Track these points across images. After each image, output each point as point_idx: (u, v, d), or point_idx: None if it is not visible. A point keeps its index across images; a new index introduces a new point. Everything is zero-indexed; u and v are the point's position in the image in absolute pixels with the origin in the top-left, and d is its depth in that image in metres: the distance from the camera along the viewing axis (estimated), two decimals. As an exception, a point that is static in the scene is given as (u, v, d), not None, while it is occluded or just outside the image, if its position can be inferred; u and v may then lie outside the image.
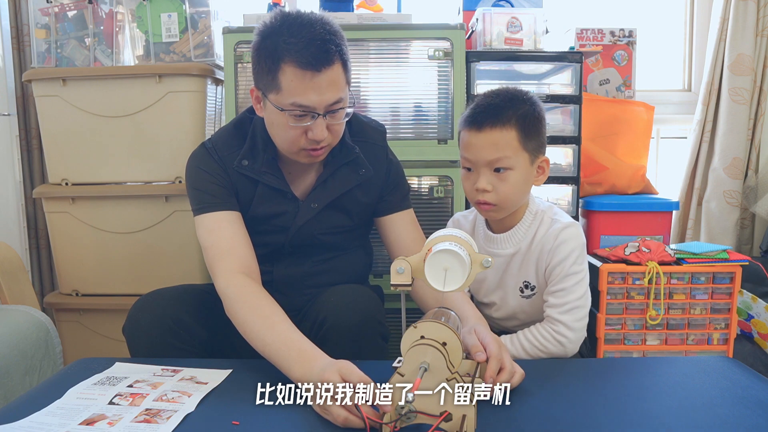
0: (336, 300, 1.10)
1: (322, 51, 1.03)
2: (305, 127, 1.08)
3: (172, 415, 0.81)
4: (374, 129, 1.29)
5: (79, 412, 0.83)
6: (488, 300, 1.27)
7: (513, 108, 1.12)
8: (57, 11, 1.77)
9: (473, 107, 1.15)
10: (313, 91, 1.05)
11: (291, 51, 1.03)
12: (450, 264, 0.79)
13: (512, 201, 1.16)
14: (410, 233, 1.29)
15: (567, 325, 1.14)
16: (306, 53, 1.02)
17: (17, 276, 1.62)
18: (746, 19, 2.11)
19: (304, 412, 0.83)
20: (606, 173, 1.98)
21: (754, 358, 1.75)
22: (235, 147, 1.20)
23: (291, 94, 1.05)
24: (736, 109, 2.13)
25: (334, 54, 1.05)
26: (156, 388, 0.90)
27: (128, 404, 0.85)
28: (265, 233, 1.23)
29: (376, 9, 1.87)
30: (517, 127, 1.11)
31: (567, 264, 1.14)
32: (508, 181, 1.12)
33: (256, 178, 1.19)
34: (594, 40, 2.10)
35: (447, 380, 0.75)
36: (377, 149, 1.27)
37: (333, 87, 1.06)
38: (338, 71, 1.07)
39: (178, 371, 0.98)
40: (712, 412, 0.83)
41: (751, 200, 2.17)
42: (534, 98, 1.17)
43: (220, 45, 1.75)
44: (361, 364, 1.02)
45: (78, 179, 1.76)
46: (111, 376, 0.96)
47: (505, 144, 1.11)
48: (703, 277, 1.61)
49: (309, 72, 1.03)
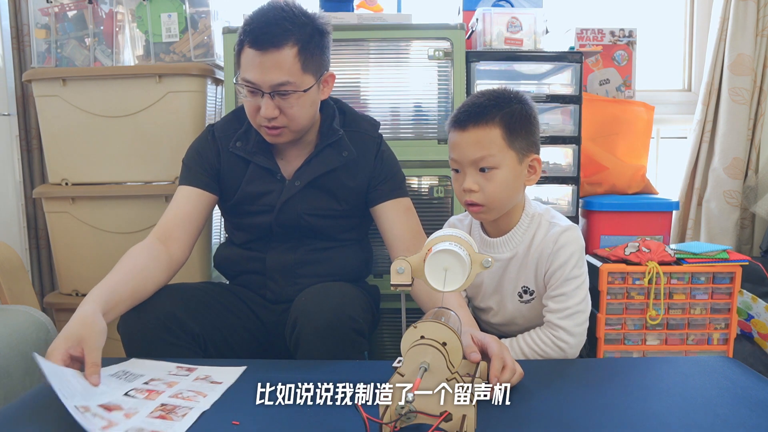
0: (306, 300, 1.11)
1: (271, 34, 1.13)
2: (257, 104, 1.17)
3: (188, 412, 0.82)
4: (366, 121, 1.36)
5: (97, 395, 0.83)
6: (485, 305, 1.26)
7: (498, 107, 1.10)
8: (57, 11, 1.77)
9: (458, 108, 1.15)
10: (257, 69, 1.14)
11: (246, 32, 1.15)
12: (450, 264, 0.78)
13: (500, 201, 1.13)
14: (404, 221, 1.30)
15: (567, 330, 1.13)
16: (256, 33, 1.13)
17: (17, 276, 1.62)
18: (746, 19, 2.11)
19: (304, 412, 0.83)
20: (606, 173, 1.98)
21: (754, 358, 1.75)
22: (232, 130, 1.30)
23: (243, 70, 1.17)
24: (736, 109, 2.13)
25: (283, 38, 1.13)
26: (171, 386, 0.91)
27: (144, 398, 0.85)
28: (253, 214, 1.29)
29: (376, 9, 1.87)
30: (502, 125, 1.10)
31: (567, 268, 1.13)
32: (494, 180, 1.10)
33: (248, 159, 1.27)
34: (594, 40, 2.10)
35: (447, 380, 0.75)
36: (367, 138, 1.32)
37: (277, 69, 1.14)
38: (287, 55, 1.14)
39: (192, 370, 0.99)
40: (712, 412, 0.83)
41: (751, 200, 2.17)
42: (523, 97, 1.14)
43: (220, 45, 1.75)
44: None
45: (78, 179, 1.76)
46: (127, 371, 0.96)
47: (489, 142, 1.09)
48: (703, 277, 1.61)
49: (257, 51, 1.14)
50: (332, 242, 1.32)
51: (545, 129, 1.81)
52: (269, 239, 1.30)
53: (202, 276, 1.76)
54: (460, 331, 0.87)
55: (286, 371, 1.00)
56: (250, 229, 1.31)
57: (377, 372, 0.96)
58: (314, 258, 1.30)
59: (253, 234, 1.31)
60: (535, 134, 1.15)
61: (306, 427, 0.80)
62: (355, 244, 1.37)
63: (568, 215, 1.80)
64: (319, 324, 1.07)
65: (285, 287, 1.28)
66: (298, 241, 1.30)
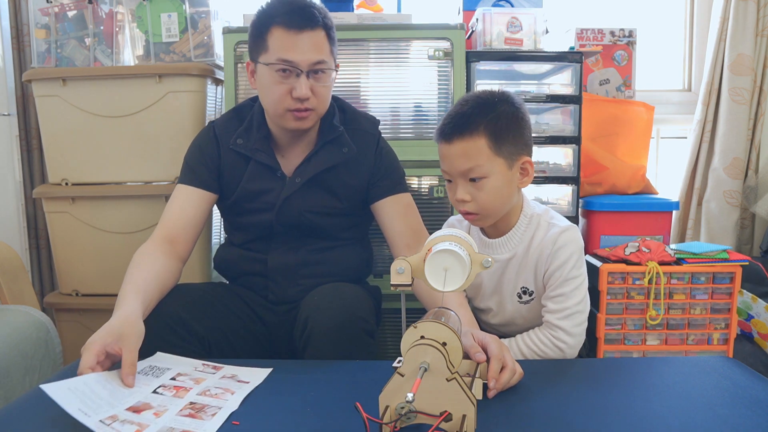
0: (317, 300, 1.12)
1: (306, 14, 1.16)
2: (290, 86, 1.17)
3: (217, 412, 0.82)
4: (366, 118, 1.37)
5: (125, 397, 0.83)
6: (485, 306, 1.25)
7: (482, 114, 1.08)
8: (57, 11, 1.77)
9: (444, 118, 1.13)
10: (296, 47, 1.16)
11: (278, 14, 1.17)
12: (450, 264, 0.79)
13: (494, 208, 1.12)
14: (404, 218, 1.30)
15: (566, 330, 1.13)
16: (291, 15, 1.16)
17: (17, 276, 1.62)
18: (746, 19, 2.11)
19: (304, 412, 0.83)
20: (606, 173, 1.98)
21: (754, 358, 1.75)
22: (233, 128, 1.31)
23: (277, 51, 1.17)
24: (736, 109, 2.13)
25: (317, 19, 1.17)
26: (198, 383, 0.91)
27: (172, 395, 0.85)
28: (253, 212, 1.29)
29: (376, 9, 1.87)
30: (487, 133, 1.07)
31: (566, 269, 1.12)
32: (484, 189, 1.09)
33: (248, 156, 1.27)
34: (594, 40, 2.10)
35: (447, 380, 0.75)
36: (367, 135, 1.33)
37: (315, 48, 1.17)
38: (321, 36, 1.18)
39: (219, 368, 0.99)
40: (712, 412, 0.83)
41: (751, 200, 2.17)
42: (510, 99, 1.12)
43: (220, 45, 1.75)
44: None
45: (78, 179, 1.76)
46: (153, 365, 0.96)
47: (476, 153, 1.08)
48: (703, 277, 1.61)
49: (293, 31, 1.16)
50: (333, 242, 1.32)
51: (545, 129, 1.81)
52: (269, 239, 1.30)
53: (202, 277, 1.76)
54: (461, 331, 0.87)
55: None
56: (250, 229, 1.31)
57: (377, 372, 0.96)
58: (316, 259, 1.30)
59: (252, 234, 1.31)
60: (524, 135, 1.12)
61: (306, 427, 0.80)
62: (356, 243, 1.37)
63: (568, 215, 1.81)
64: (331, 323, 1.07)
65: (287, 288, 1.28)
66: (299, 241, 1.30)
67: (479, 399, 0.86)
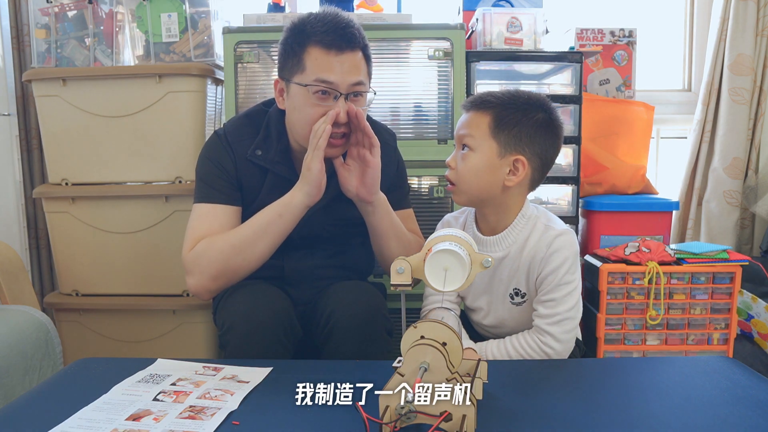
0: (342, 294, 1.13)
1: (347, 35, 1.12)
2: (326, 108, 1.13)
3: (216, 412, 0.82)
4: (387, 131, 1.35)
5: (125, 408, 0.84)
6: (476, 305, 1.23)
7: (502, 101, 1.12)
8: (57, 11, 1.77)
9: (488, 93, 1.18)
10: (336, 69, 1.12)
11: (317, 33, 1.12)
12: (450, 264, 0.79)
13: (469, 184, 1.12)
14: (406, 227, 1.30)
15: (555, 336, 1.10)
16: (331, 35, 1.11)
17: (17, 276, 1.62)
18: (746, 19, 2.11)
19: (304, 412, 0.83)
20: (606, 173, 1.98)
21: (754, 358, 1.75)
22: (247, 136, 1.24)
23: (315, 71, 1.12)
24: (736, 109, 2.13)
25: (357, 40, 1.14)
26: (199, 386, 0.91)
27: (172, 401, 0.86)
28: None
29: (376, 9, 1.87)
30: (492, 114, 1.11)
31: (559, 273, 1.10)
32: (467, 160, 1.12)
33: (266, 168, 1.22)
34: (594, 40, 2.10)
35: (447, 380, 0.75)
36: (388, 148, 1.29)
37: (355, 69, 1.14)
38: (360, 58, 1.15)
39: (219, 369, 0.99)
40: (712, 412, 0.83)
41: (751, 200, 2.17)
42: (543, 105, 1.13)
43: (220, 45, 1.75)
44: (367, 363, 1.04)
45: (78, 179, 1.76)
46: (154, 373, 0.97)
47: (476, 125, 1.12)
48: (703, 277, 1.61)
49: (333, 51, 1.12)
50: (345, 246, 1.32)
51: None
52: (284, 247, 1.25)
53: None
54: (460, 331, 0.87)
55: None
56: None
57: (377, 372, 0.96)
58: (330, 263, 1.29)
59: None
60: (534, 139, 1.11)
61: (306, 427, 0.80)
62: (363, 246, 1.35)
63: (568, 215, 1.81)
64: (357, 317, 1.08)
65: (304, 291, 1.27)
66: (314, 247, 1.28)
67: (479, 399, 0.86)
